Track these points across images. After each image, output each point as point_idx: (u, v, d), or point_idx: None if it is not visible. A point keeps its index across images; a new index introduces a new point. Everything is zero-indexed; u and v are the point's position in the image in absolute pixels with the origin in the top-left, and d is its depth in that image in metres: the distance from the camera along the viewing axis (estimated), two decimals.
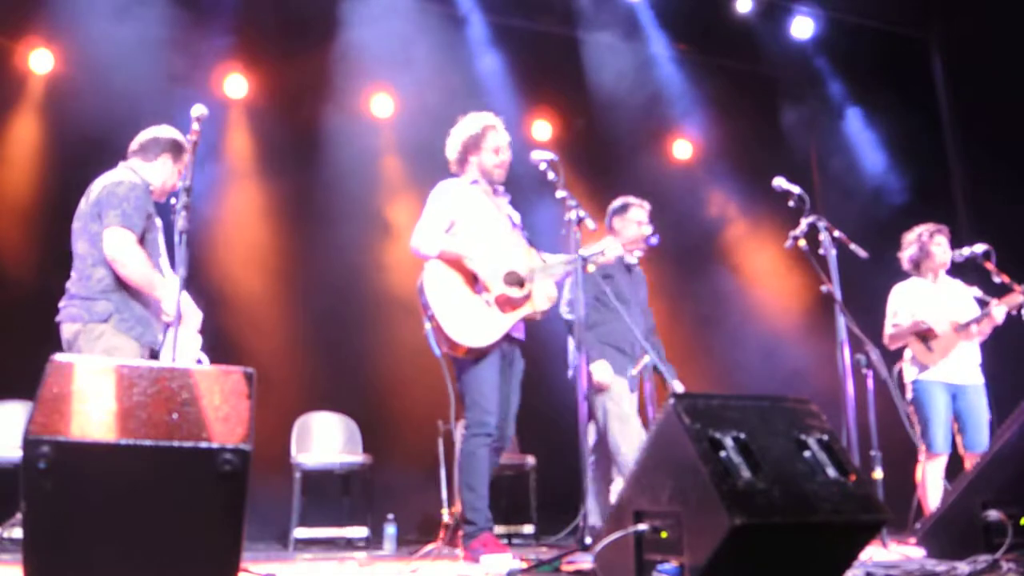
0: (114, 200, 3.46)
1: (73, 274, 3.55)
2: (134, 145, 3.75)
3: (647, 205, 4.88)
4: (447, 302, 3.81)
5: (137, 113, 5.63)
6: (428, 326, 3.85)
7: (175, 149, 3.73)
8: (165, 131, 3.77)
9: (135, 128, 3.76)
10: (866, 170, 7.63)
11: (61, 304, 3.54)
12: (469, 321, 3.79)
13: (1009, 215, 6.19)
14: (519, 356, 4.05)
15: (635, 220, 4.80)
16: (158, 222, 3.67)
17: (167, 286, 3.46)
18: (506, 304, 3.85)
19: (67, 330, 3.48)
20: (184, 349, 3.46)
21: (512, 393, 3.99)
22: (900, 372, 5.02)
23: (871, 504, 2.15)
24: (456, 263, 3.86)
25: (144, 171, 3.68)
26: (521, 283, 3.90)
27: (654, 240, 4.59)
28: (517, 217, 4.16)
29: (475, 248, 3.87)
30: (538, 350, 4.53)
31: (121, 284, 3.47)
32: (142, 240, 3.51)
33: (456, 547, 3.97)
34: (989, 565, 2.75)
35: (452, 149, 4.18)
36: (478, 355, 3.82)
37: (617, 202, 4.89)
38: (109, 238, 3.43)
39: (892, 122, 7.42)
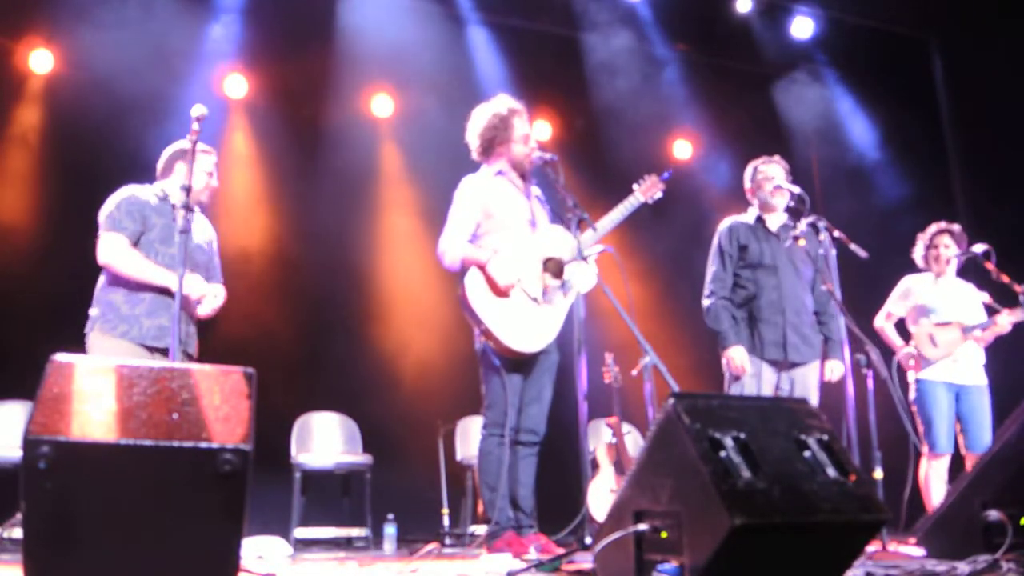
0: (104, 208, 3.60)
1: None
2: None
3: (776, 158, 4.52)
4: (496, 309, 3.65)
5: (137, 113, 5.66)
6: (481, 338, 3.71)
7: (181, 155, 3.74)
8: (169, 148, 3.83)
9: (135, 128, 3.78)
10: (866, 170, 7.63)
11: None
12: (522, 325, 3.66)
13: (1009, 215, 6.19)
14: (555, 348, 3.88)
15: (764, 178, 4.45)
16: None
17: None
18: (552, 293, 3.72)
19: None
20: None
21: (544, 388, 3.86)
22: (904, 371, 5.02)
23: (871, 504, 2.15)
24: None
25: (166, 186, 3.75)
26: (562, 269, 3.76)
27: (665, 175, 4.07)
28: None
29: (498, 251, 3.70)
30: None
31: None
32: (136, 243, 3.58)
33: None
34: (989, 565, 2.75)
35: (474, 136, 3.88)
36: (529, 356, 3.74)
37: (747, 171, 4.58)
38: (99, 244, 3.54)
39: (892, 122, 7.42)
